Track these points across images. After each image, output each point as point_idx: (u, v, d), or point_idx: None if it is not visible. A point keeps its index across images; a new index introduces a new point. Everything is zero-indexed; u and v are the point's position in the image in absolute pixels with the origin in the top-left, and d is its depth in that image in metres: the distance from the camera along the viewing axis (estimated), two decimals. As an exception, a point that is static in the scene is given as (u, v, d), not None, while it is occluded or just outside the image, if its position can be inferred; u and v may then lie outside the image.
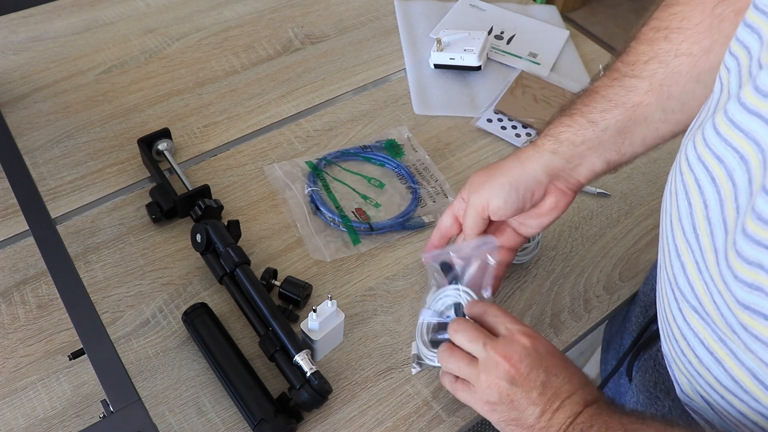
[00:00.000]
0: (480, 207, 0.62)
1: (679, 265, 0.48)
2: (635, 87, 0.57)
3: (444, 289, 0.73)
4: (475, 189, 0.62)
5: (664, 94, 0.56)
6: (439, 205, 0.83)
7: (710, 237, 0.44)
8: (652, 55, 0.56)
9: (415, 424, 0.65)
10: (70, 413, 0.63)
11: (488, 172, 0.62)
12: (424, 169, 0.87)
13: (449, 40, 0.99)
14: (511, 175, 0.61)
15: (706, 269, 0.45)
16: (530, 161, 0.60)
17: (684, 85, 0.56)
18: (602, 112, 0.58)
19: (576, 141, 0.59)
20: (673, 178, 0.52)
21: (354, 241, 0.79)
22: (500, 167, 0.62)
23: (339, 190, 0.84)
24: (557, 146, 0.59)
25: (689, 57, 0.55)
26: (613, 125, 0.58)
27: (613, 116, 0.58)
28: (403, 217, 0.80)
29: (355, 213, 0.81)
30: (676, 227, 0.49)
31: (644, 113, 0.57)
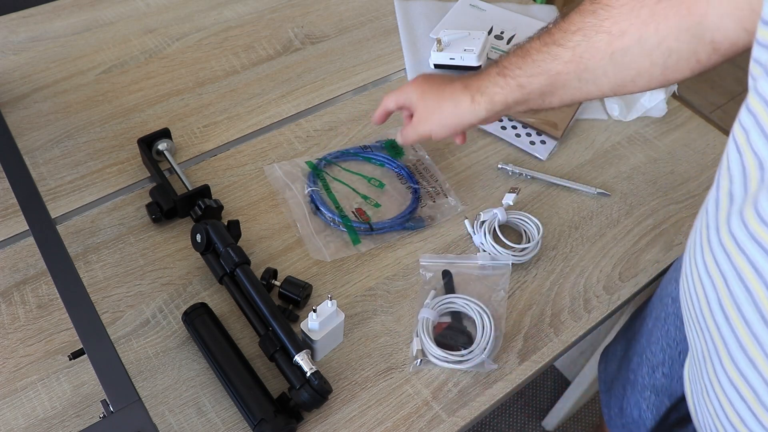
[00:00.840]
0: (426, 134, 0.75)
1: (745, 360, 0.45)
2: (559, 56, 0.62)
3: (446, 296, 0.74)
4: (425, 117, 0.75)
5: (582, 65, 0.62)
6: (440, 204, 0.83)
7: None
8: (579, 27, 0.61)
9: (415, 424, 0.65)
10: (70, 413, 0.63)
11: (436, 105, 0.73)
12: (424, 169, 0.87)
13: (449, 40, 0.99)
14: (450, 122, 0.73)
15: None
16: (466, 116, 0.71)
17: (599, 60, 0.61)
18: (530, 77, 0.65)
19: (507, 101, 0.68)
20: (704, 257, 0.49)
21: (354, 241, 0.79)
22: (443, 108, 0.72)
23: (339, 190, 0.84)
24: (491, 105, 0.69)
25: (608, 35, 0.59)
26: (537, 89, 0.65)
27: (538, 81, 0.65)
28: (403, 217, 0.80)
29: (355, 213, 0.81)
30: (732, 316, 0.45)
31: (563, 81, 0.64)
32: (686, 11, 0.55)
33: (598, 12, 0.60)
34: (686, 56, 0.57)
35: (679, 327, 0.70)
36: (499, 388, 0.68)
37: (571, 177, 0.88)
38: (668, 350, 0.71)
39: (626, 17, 0.58)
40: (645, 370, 0.75)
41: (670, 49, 0.57)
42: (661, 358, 0.72)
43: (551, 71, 0.63)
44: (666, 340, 0.72)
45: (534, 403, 1.49)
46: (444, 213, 0.82)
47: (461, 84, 0.71)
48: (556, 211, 0.84)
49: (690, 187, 0.89)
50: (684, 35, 0.56)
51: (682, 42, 0.56)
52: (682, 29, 0.56)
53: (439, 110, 0.73)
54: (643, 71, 0.60)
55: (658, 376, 0.72)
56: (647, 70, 0.60)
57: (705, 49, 0.56)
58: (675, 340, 0.70)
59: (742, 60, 0.44)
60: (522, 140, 0.91)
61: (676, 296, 0.71)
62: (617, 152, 0.92)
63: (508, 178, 0.88)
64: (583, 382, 1.27)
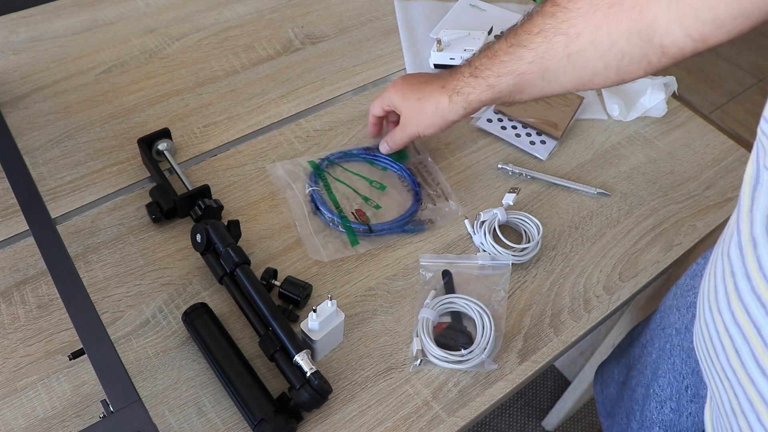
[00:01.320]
0: (414, 134, 0.80)
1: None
2: (523, 57, 0.66)
3: (446, 296, 0.74)
4: (410, 118, 0.79)
5: (544, 65, 0.65)
6: (440, 208, 0.83)
7: None
8: (541, 29, 0.64)
9: (415, 424, 0.65)
10: (70, 413, 0.63)
11: (419, 106, 0.77)
12: (426, 171, 0.87)
13: (449, 40, 0.99)
14: (436, 122, 0.77)
15: None
16: (448, 115, 0.75)
17: (558, 61, 0.64)
18: (498, 77, 0.69)
19: (481, 99, 0.72)
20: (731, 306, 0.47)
21: (352, 242, 0.79)
22: (425, 109, 0.77)
23: (340, 190, 0.84)
24: (467, 104, 0.73)
25: (565, 36, 0.62)
26: (506, 88, 0.69)
27: (506, 81, 0.69)
28: (403, 220, 0.80)
29: (354, 214, 0.81)
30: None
31: (528, 80, 0.67)
32: (637, 15, 0.58)
33: (556, 14, 0.63)
34: (638, 58, 0.60)
35: (684, 360, 0.69)
36: (499, 388, 0.68)
37: (571, 177, 0.88)
38: (675, 384, 0.71)
39: (582, 20, 0.61)
40: (653, 405, 0.74)
41: (622, 52, 0.60)
42: (669, 392, 0.71)
43: (517, 71, 0.67)
44: (672, 374, 0.71)
45: (534, 403, 1.49)
46: (444, 216, 0.82)
47: (438, 84, 0.75)
48: (556, 211, 0.84)
49: (690, 187, 0.89)
50: (635, 38, 0.59)
51: (633, 45, 0.59)
52: (632, 33, 0.58)
53: (422, 111, 0.77)
54: (598, 72, 0.63)
55: (666, 412, 0.72)
56: (602, 71, 0.63)
57: (655, 52, 0.59)
58: (681, 373, 0.69)
59: (742, 60, 0.44)
60: (522, 140, 0.91)
61: (680, 327, 0.71)
62: (617, 152, 0.92)
63: (508, 178, 0.88)
64: (583, 382, 1.27)
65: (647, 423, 0.75)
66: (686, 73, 2.40)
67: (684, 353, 0.69)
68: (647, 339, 0.79)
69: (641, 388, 0.78)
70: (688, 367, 0.69)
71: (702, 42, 0.56)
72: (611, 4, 0.59)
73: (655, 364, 0.75)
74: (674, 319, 0.72)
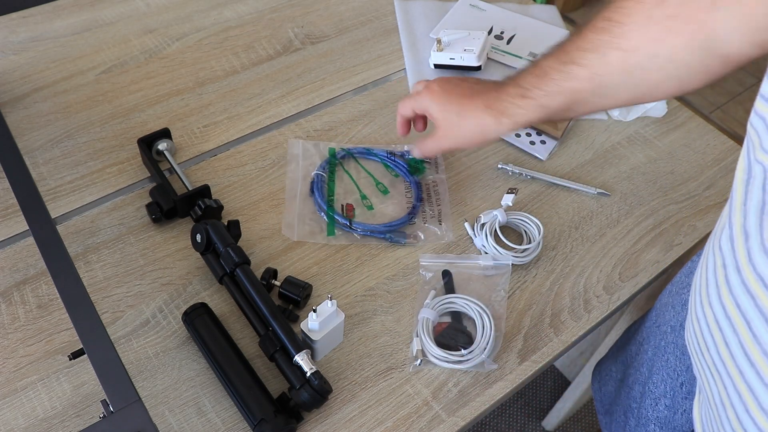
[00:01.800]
0: (450, 149, 0.81)
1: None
2: (577, 75, 0.63)
3: (446, 296, 0.74)
4: (448, 133, 0.75)
5: (597, 81, 0.63)
6: (429, 228, 0.80)
7: None
8: (594, 44, 0.62)
9: (415, 424, 0.65)
10: (70, 413, 0.63)
11: (459, 122, 0.73)
12: (435, 191, 0.85)
13: (449, 40, 0.99)
14: (476, 139, 0.74)
15: None
16: (491, 134, 0.72)
17: (615, 76, 0.62)
18: (550, 96, 0.66)
19: (530, 120, 0.69)
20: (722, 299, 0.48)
21: (329, 232, 0.79)
22: (467, 126, 0.72)
23: (345, 182, 0.85)
24: (515, 126, 0.70)
25: (621, 51, 0.60)
26: (558, 107, 0.66)
27: (558, 100, 0.66)
28: (387, 227, 0.80)
29: (343, 206, 0.81)
30: (759, 362, 0.44)
31: (582, 97, 0.65)
32: (697, 27, 0.56)
33: (610, 29, 0.60)
34: (698, 69, 0.58)
35: (679, 357, 0.69)
36: (499, 388, 0.68)
37: (571, 177, 0.88)
38: (669, 381, 0.71)
39: (638, 33, 0.59)
40: (648, 402, 0.74)
41: (683, 63, 0.58)
42: (663, 389, 0.72)
43: (570, 89, 0.64)
44: (666, 371, 0.71)
45: (534, 403, 1.49)
46: (429, 237, 0.80)
47: (482, 103, 0.71)
48: (556, 211, 0.84)
49: (690, 187, 0.89)
50: (695, 50, 0.57)
51: (694, 56, 0.57)
52: (692, 44, 0.57)
53: (463, 128, 0.73)
54: (659, 84, 0.61)
55: (661, 409, 0.72)
56: (662, 83, 0.61)
57: (716, 62, 0.57)
58: (675, 371, 0.70)
59: (742, 60, 0.44)
60: (522, 140, 0.91)
61: (675, 325, 0.71)
62: (617, 152, 0.92)
63: (508, 178, 0.88)
64: (583, 382, 1.27)
65: (643, 420, 0.75)
66: (686, 73, 2.40)
67: (678, 350, 0.69)
68: (643, 337, 0.79)
69: (638, 386, 0.78)
70: (682, 365, 0.69)
71: (762, 49, 0.55)
72: (669, 16, 0.57)
73: (650, 362, 0.75)
74: (669, 317, 0.73)
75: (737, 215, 0.46)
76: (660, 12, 0.58)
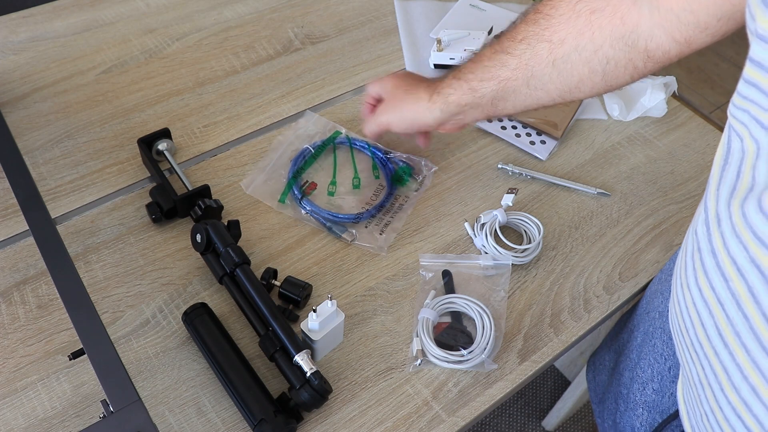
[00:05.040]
0: (384, 123, 0.80)
1: (747, 388, 0.44)
2: (507, 63, 0.66)
3: (446, 296, 0.74)
4: (388, 107, 0.79)
5: (528, 72, 0.65)
6: (370, 234, 0.79)
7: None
8: (524, 36, 0.64)
9: (415, 424, 0.65)
10: (70, 413, 0.63)
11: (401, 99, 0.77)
12: (400, 204, 0.83)
13: (449, 40, 0.99)
14: (408, 117, 0.77)
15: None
16: (424, 113, 0.75)
17: (543, 67, 0.64)
18: (481, 81, 0.68)
19: (460, 102, 0.71)
20: (698, 281, 0.48)
21: (281, 199, 0.82)
22: (405, 102, 0.77)
23: (326, 163, 0.87)
24: (445, 106, 0.72)
25: (549, 43, 0.63)
26: (488, 93, 0.69)
27: (489, 86, 0.68)
28: (332, 217, 0.80)
29: (307, 182, 0.84)
30: (731, 343, 0.44)
31: (513, 86, 0.67)
32: (620, 21, 0.58)
33: (539, 21, 0.63)
34: (623, 63, 0.61)
35: (666, 342, 0.70)
36: (499, 388, 0.68)
37: (571, 177, 0.88)
38: (656, 365, 0.71)
39: (564, 26, 0.61)
40: (636, 386, 0.75)
41: (607, 57, 0.60)
42: (650, 373, 0.72)
43: (500, 77, 0.67)
44: (653, 356, 0.72)
45: (534, 403, 1.49)
46: (363, 241, 0.79)
47: (426, 84, 0.76)
48: (556, 211, 0.84)
49: (690, 187, 0.89)
50: (619, 43, 0.59)
51: (618, 50, 0.59)
52: (616, 38, 0.59)
53: (401, 103, 0.77)
54: (584, 78, 0.63)
55: (648, 393, 0.72)
56: (588, 77, 0.63)
57: (640, 57, 0.59)
58: (663, 355, 0.70)
59: (742, 60, 0.44)
60: (522, 140, 0.91)
61: (663, 311, 0.71)
62: (617, 152, 0.92)
63: (508, 178, 0.88)
64: (583, 382, 1.27)
65: (631, 405, 0.76)
66: (686, 73, 2.40)
67: (666, 335, 0.70)
68: (634, 324, 0.79)
69: (627, 372, 0.78)
70: (669, 349, 0.69)
71: (687, 45, 0.57)
72: (593, 10, 0.59)
73: (639, 348, 0.76)
74: (658, 303, 0.73)
75: (712, 200, 0.47)
76: (584, 5, 0.60)
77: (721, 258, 0.45)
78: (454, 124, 0.76)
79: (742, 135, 0.43)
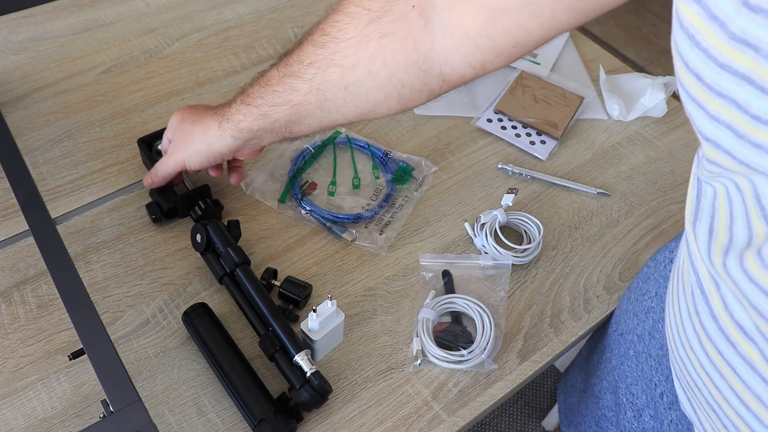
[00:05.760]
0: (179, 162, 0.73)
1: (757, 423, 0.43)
2: (297, 88, 0.62)
3: (446, 296, 0.74)
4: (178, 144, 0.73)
5: (321, 96, 0.61)
6: (370, 234, 0.80)
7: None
8: (313, 60, 0.60)
9: (415, 424, 0.65)
10: (70, 413, 0.63)
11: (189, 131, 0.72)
12: (400, 204, 0.83)
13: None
14: (201, 149, 0.71)
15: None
16: (216, 142, 0.69)
17: (336, 92, 0.60)
18: (272, 106, 0.64)
19: (252, 128, 0.66)
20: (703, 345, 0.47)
21: (281, 199, 0.82)
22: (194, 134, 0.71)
23: (327, 162, 0.87)
24: (237, 133, 0.67)
25: (340, 68, 0.59)
26: (281, 117, 0.64)
27: (281, 110, 0.64)
28: (333, 217, 0.80)
29: (307, 182, 0.83)
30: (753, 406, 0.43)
31: (306, 110, 0.63)
32: (412, 46, 0.55)
33: (327, 44, 0.59)
34: (419, 87, 0.58)
35: (655, 367, 0.68)
36: (499, 388, 0.68)
37: (571, 177, 0.88)
38: (648, 392, 0.70)
39: (354, 51, 0.57)
40: (630, 414, 0.73)
41: (401, 82, 0.57)
42: (644, 400, 0.70)
43: (292, 102, 0.63)
44: (644, 381, 0.70)
45: (534, 403, 1.49)
46: (363, 241, 0.79)
47: (213, 111, 0.71)
48: (556, 211, 0.84)
49: (690, 187, 0.89)
50: (412, 68, 0.56)
51: (412, 74, 0.57)
52: (410, 63, 0.56)
53: (191, 136, 0.71)
54: (379, 102, 0.60)
55: (646, 420, 0.71)
56: (383, 100, 0.60)
57: (435, 81, 0.57)
58: (653, 381, 0.68)
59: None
60: (522, 140, 0.91)
61: (643, 333, 0.70)
62: (617, 152, 0.92)
63: (508, 178, 0.88)
64: (583, 382, 1.27)
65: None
66: (686, 73, 2.40)
67: (653, 360, 0.68)
68: (605, 345, 0.78)
69: (609, 395, 0.77)
70: (660, 375, 0.67)
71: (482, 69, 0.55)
72: (383, 34, 0.56)
73: (617, 371, 0.74)
74: (633, 325, 0.71)
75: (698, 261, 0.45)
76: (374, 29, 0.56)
77: (724, 323, 0.43)
78: (250, 149, 0.71)
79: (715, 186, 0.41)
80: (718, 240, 0.41)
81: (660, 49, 2.39)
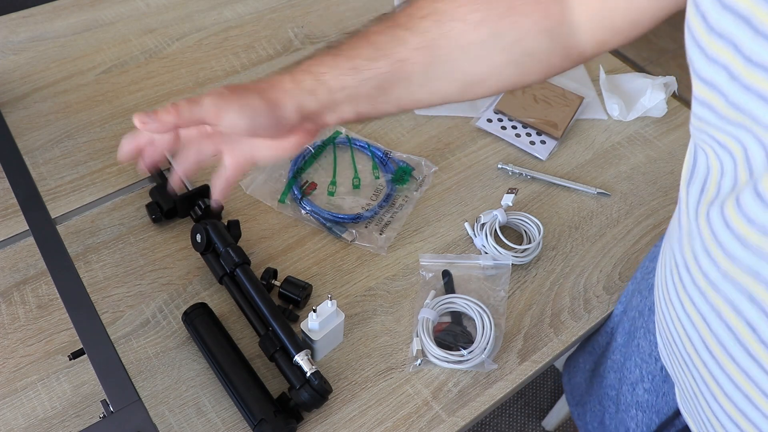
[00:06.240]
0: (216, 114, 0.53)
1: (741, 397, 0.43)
2: (406, 40, 0.52)
3: (446, 296, 0.74)
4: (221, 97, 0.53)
5: (431, 55, 0.53)
6: (370, 234, 0.80)
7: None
8: (430, 11, 0.52)
9: (415, 424, 0.65)
10: (70, 413, 0.63)
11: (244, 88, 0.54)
12: (400, 204, 0.83)
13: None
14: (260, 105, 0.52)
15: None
16: (283, 98, 0.53)
17: (450, 51, 0.53)
18: (368, 60, 0.52)
19: (335, 87, 0.53)
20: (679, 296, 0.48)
21: (281, 199, 0.82)
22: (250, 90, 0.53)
23: (327, 162, 0.87)
24: (316, 86, 0.53)
25: (462, 23, 0.52)
26: (375, 77, 0.53)
27: (377, 67, 0.53)
28: (333, 217, 0.80)
29: (307, 182, 0.83)
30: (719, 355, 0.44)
31: (407, 73, 0.53)
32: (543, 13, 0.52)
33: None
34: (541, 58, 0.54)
35: (652, 341, 0.69)
36: (499, 388, 0.68)
37: (571, 177, 0.88)
38: (644, 365, 0.70)
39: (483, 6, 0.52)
40: (626, 388, 0.74)
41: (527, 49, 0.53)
42: (638, 374, 0.71)
43: (395, 56, 0.52)
44: (639, 356, 0.71)
45: (534, 403, 1.49)
46: (363, 241, 0.79)
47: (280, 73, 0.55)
48: (556, 211, 0.84)
49: (690, 187, 0.89)
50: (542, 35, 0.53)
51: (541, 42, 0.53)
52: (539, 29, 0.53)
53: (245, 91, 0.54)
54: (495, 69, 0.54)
55: (640, 393, 0.71)
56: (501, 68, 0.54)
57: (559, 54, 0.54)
58: (651, 355, 0.69)
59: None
60: (522, 140, 0.91)
61: (643, 309, 0.70)
62: (617, 152, 0.92)
63: (508, 178, 0.88)
64: (583, 382, 1.27)
65: (623, 406, 0.75)
66: (686, 73, 2.40)
67: (650, 335, 0.69)
68: (612, 325, 0.79)
69: (613, 373, 0.78)
70: (657, 350, 0.68)
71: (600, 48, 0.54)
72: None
73: (624, 348, 0.75)
74: (636, 302, 0.72)
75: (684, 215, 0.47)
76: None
77: (694, 274, 0.45)
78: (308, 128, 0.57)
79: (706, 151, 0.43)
80: (707, 195, 0.42)
81: (660, 49, 2.39)
